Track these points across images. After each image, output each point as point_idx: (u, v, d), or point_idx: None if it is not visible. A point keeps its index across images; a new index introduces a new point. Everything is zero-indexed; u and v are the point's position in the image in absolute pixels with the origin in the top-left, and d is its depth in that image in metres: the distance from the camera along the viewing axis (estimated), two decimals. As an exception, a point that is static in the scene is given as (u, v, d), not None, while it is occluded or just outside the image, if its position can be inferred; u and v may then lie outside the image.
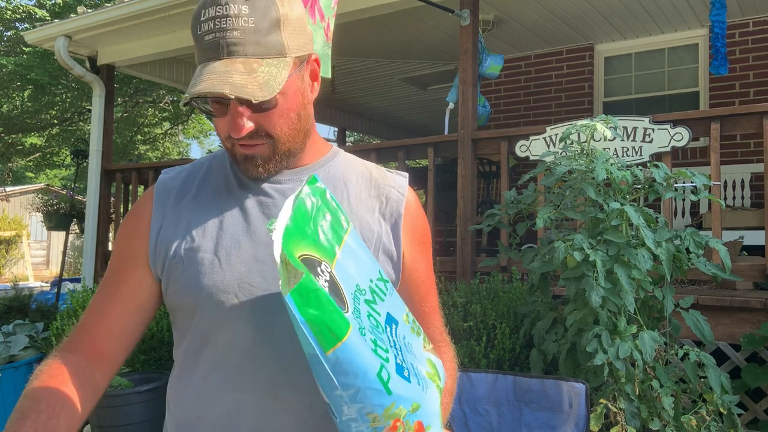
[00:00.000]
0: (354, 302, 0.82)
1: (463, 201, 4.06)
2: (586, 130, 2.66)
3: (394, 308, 0.91)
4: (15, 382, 4.39)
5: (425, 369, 0.89)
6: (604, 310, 2.39)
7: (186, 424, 1.01)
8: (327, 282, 0.80)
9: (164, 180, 1.09)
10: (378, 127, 10.11)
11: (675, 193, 2.54)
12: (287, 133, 0.98)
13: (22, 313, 5.30)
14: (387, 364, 0.79)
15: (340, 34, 3.34)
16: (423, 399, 0.83)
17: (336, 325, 0.75)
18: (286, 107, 0.96)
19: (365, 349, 0.77)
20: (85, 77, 5.79)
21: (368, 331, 0.80)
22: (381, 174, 1.12)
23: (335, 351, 0.75)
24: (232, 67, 0.89)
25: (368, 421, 0.78)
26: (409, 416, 0.80)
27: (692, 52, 5.84)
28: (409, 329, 0.92)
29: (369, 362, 0.76)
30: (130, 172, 5.79)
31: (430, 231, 1.16)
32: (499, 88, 6.62)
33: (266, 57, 0.92)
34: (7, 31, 11.89)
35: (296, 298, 0.74)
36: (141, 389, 3.49)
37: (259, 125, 0.95)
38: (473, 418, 2.29)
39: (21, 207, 18.76)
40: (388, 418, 0.78)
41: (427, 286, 1.14)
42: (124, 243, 1.07)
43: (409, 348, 0.89)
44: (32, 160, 17.26)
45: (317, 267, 0.80)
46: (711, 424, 2.30)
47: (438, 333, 1.15)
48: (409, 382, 0.82)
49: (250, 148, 0.97)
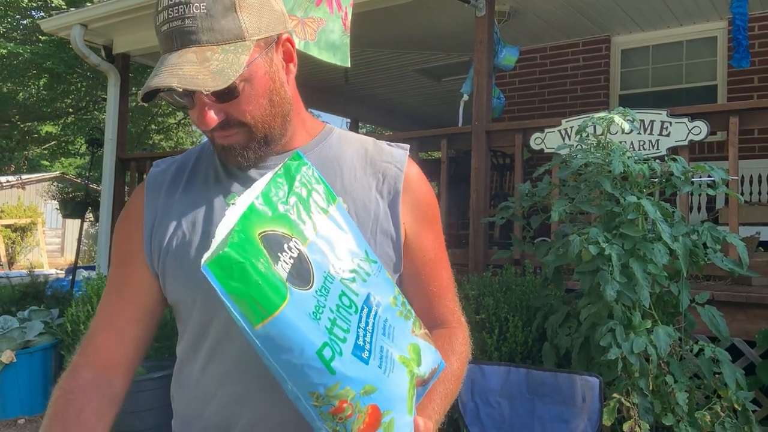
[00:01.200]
0: (324, 280, 0.80)
1: (476, 193, 4.04)
2: (602, 122, 2.63)
3: (378, 289, 0.87)
4: (30, 367, 4.44)
5: (401, 353, 0.85)
6: (618, 304, 2.37)
7: (188, 415, 1.01)
8: (292, 259, 0.78)
9: (154, 174, 1.07)
10: (391, 118, 10.07)
11: (692, 188, 2.51)
12: (260, 119, 0.94)
13: (37, 299, 5.35)
14: (338, 344, 0.76)
15: (354, 24, 3.33)
16: (381, 382, 0.79)
17: (264, 298, 0.73)
18: (254, 93, 0.91)
19: (304, 325, 0.74)
20: (100, 66, 5.81)
21: (330, 310, 0.78)
22: (378, 149, 1.07)
23: (264, 325, 0.73)
24: (185, 57, 0.85)
25: (311, 399, 0.76)
26: (359, 398, 0.76)
27: (711, 44, 5.76)
28: (396, 312, 0.88)
29: (306, 338, 0.74)
30: (144, 161, 5.82)
31: (436, 204, 1.10)
32: (514, 79, 6.57)
33: (222, 43, 0.87)
34: (23, 19, 11.97)
35: (215, 270, 0.73)
36: (153, 376, 3.52)
37: (228, 114, 0.91)
38: (485, 410, 2.29)
39: (37, 195, 18.93)
40: (333, 398, 0.75)
41: (435, 264, 1.08)
42: (120, 244, 1.07)
43: (389, 331, 0.85)
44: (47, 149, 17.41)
45: (285, 244, 0.79)
46: (725, 420, 2.28)
47: (450, 313, 1.10)
48: (366, 363, 0.78)
49: (226, 138, 0.94)
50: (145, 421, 3.54)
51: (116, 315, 1.04)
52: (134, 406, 3.55)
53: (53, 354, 4.55)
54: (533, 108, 6.48)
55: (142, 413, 3.55)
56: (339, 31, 3.21)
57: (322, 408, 0.76)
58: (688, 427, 2.27)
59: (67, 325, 4.12)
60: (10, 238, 17.69)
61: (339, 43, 3.19)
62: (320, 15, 3.09)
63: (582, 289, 2.48)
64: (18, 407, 4.36)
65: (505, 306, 3.08)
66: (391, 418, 0.79)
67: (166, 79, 0.83)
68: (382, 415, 0.78)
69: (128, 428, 3.61)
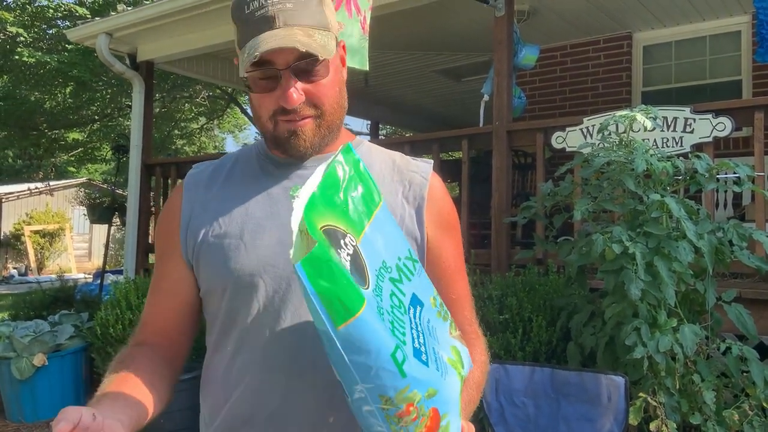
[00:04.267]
0: (377, 279, 0.79)
1: (498, 193, 4.04)
2: (625, 120, 2.62)
3: (420, 289, 0.87)
4: (61, 369, 4.54)
5: (447, 355, 0.84)
6: (643, 303, 2.36)
7: (215, 405, 1.05)
8: (349, 255, 0.77)
9: (192, 174, 1.13)
10: (411, 119, 10.08)
11: (717, 185, 2.49)
12: (333, 106, 1.02)
13: (67, 303, 5.47)
14: (403, 346, 0.75)
15: (373, 27, 3.35)
16: (441, 385, 0.78)
17: (349, 299, 0.72)
18: (332, 80, 1.00)
19: (380, 327, 0.73)
20: (125, 74, 5.91)
21: (387, 311, 0.77)
22: (404, 161, 1.12)
23: (347, 326, 0.72)
24: (292, 31, 0.94)
25: (380, 402, 0.74)
26: (424, 401, 0.75)
27: (735, 39, 5.67)
28: (435, 313, 0.88)
29: (383, 341, 0.73)
30: (169, 166, 5.91)
31: (457, 217, 1.14)
32: (534, 78, 6.54)
33: (318, 29, 0.97)
34: (49, 29, 12.21)
35: (307, 268, 0.71)
36: (183, 377, 3.57)
37: (307, 97, 0.98)
38: (510, 409, 2.29)
39: (65, 200, 19.30)
40: (401, 401, 0.74)
41: (454, 272, 1.11)
42: (159, 242, 1.14)
43: (433, 332, 0.85)
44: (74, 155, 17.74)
45: (341, 239, 0.77)
46: (753, 418, 2.26)
47: (467, 323, 1.12)
48: (427, 366, 0.78)
49: (294, 123, 1.00)
50: (174, 423, 3.60)
51: (159, 308, 1.11)
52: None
53: (83, 357, 4.65)
54: (554, 107, 6.44)
55: (171, 414, 3.61)
56: (358, 34, 3.24)
57: (389, 411, 0.75)
58: (716, 426, 2.25)
59: (97, 329, 4.21)
60: (39, 244, 18.08)
61: (358, 47, 3.21)
62: (339, 19, 3.11)
63: (606, 288, 2.47)
64: (49, 409, 4.45)
65: (529, 306, 3.08)
66: (448, 421, 0.79)
67: (288, 42, 0.92)
68: (441, 418, 0.78)
69: (157, 429, 3.67)
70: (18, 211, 18.75)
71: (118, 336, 4.08)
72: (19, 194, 18.81)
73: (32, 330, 4.55)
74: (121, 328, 4.08)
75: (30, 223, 18.26)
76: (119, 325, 4.09)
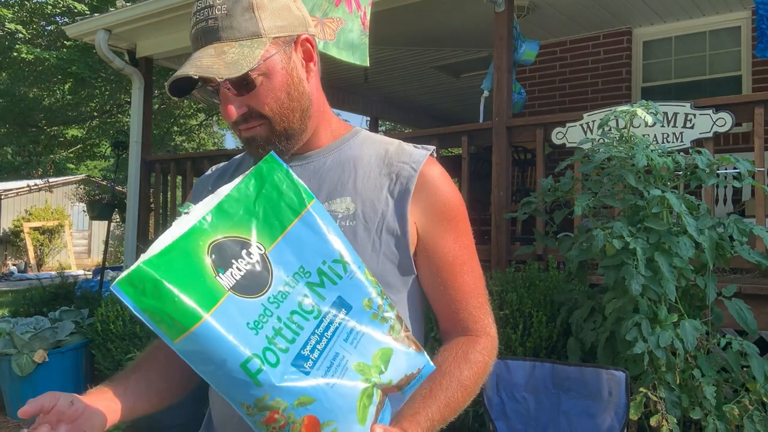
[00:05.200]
0: (285, 285, 0.80)
1: (497, 189, 4.04)
2: (625, 115, 2.62)
3: (350, 292, 0.85)
4: (62, 366, 4.54)
5: (360, 359, 0.81)
6: (644, 298, 2.37)
7: (212, 400, 1.12)
8: (249, 265, 0.79)
9: (202, 177, 1.20)
10: (411, 116, 10.07)
11: (718, 180, 2.49)
12: (278, 112, 0.99)
13: (67, 300, 5.46)
14: (276, 354, 0.75)
15: (372, 23, 3.34)
16: (321, 393, 0.77)
17: (182, 313, 0.72)
18: (272, 87, 0.98)
19: (233, 336, 0.74)
20: (124, 70, 5.90)
21: (275, 319, 0.77)
22: (399, 151, 1.07)
23: (183, 340, 0.73)
24: (205, 52, 0.94)
25: (242, 409, 0.76)
26: (293, 409, 0.75)
27: (734, 34, 5.67)
28: (369, 315, 0.85)
29: (229, 353, 0.73)
30: (168, 163, 5.91)
31: (459, 206, 1.07)
32: (534, 74, 6.53)
33: (240, 39, 0.95)
34: (48, 25, 12.19)
35: (126, 288, 0.73)
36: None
37: (249, 107, 0.98)
38: (510, 404, 2.30)
39: (64, 197, 19.28)
40: (263, 408, 0.75)
41: (456, 268, 1.04)
42: None
43: (354, 336, 0.83)
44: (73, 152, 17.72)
45: (243, 250, 0.80)
46: (753, 413, 2.27)
47: (473, 321, 1.06)
48: (306, 375, 0.77)
49: (250, 131, 1.01)
50: (174, 417, 3.61)
51: None
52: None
53: (84, 353, 4.65)
54: (554, 102, 6.44)
55: (172, 410, 3.61)
56: (358, 30, 3.23)
57: (255, 417, 0.76)
58: (716, 420, 2.26)
59: (97, 325, 4.21)
60: (38, 240, 18.06)
61: (358, 43, 3.21)
62: (339, 15, 3.12)
63: (607, 284, 2.48)
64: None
65: (529, 301, 3.08)
66: (334, 428, 0.77)
67: (185, 70, 0.92)
68: (322, 426, 0.77)
69: (157, 424, 3.68)
70: (17, 208, 18.74)
71: (119, 332, 4.09)
72: (18, 191, 18.80)
73: (32, 326, 4.55)
74: (121, 325, 4.08)
75: (29, 220, 18.25)
76: (119, 322, 4.09)
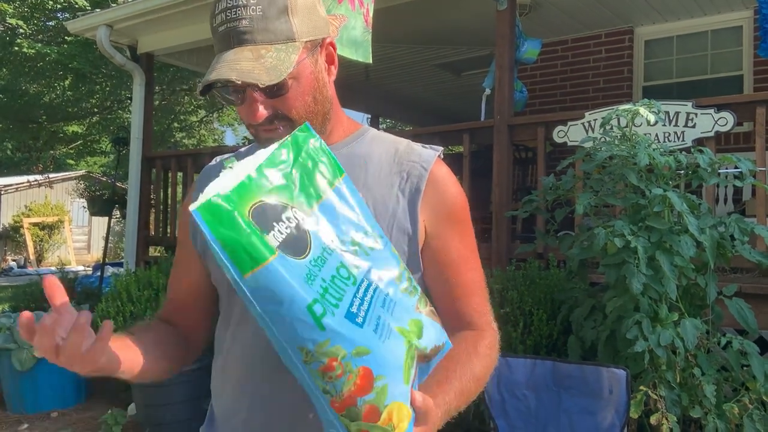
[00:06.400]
0: (323, 251, 0.80)
1: (498, 188, 4.04)
2: (627, 114, 2.62)
3: (381, 264, 0.87)
4: (62, 361, 4.54)
5: (398, 324, 0.83)
6: (644, 297, 2.37)
7: (215, 394, 1.12)
8: (288, 229, 0.78)
9: (206, 168, 1.17)
10: (412, 114, 10.07)
11: (719, 179, 2.49)
12: (304, 116, 0.99)
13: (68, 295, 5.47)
14: (327, 306, 0.75)
15: (375, 20, 3.34)
16: (375, 346, 0.77)
17: (255, 249, 0.73)
18: (300, 91, 0.98)
19: (294, 280, 0.74)
20: (125, 66, 5.90)
21: (320, 279, 0.78)
22: (408, 149, 1.09)
23: (254, 274, 0.73)
24: (241, 54, 0.92)
25: (300, 355, 0.75)
26: (351, 359, 0.74)
27: (736, 34, 5.67)
28: (400, 287, 0.87)
29: (296, 292, 0.73)
30: (169, 159, 5.91)
31: (464, 206, 1.10)
32: (535, 73, 6.53)
33: (275, 43, 0.94)
34: (49, 21, 12.17)
35: (205, 215, 0.73)
36: (184, 369, 3.58)
37: (275, 110, 0.97)
38: (511, 402, 2.30)
39: (64, 193, 19.28)
40: (322, 355, 0.74)
41: (460, 265, 1.08)
42: (179, 230, 1.22)
43: (389, 305, 0.84)
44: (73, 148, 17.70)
45: (283, 213, 0.79)
46: (753, 412, 2.27)
47: (477, 316, 1.09)
48: (360, 327, 0.77)
49: (271, 132, 0.99)
50: (175, 414, 3.61)
51: (174, 289, 1.20)
52: (165, 398, 3.63)
53: (84, 348, 4.65)
54: (555, 101, 6.44)
55: (173, 406, 3.62)
56: (361, 27, 3.23)
57: (312, 365, 0.75)
58: (716, 419, 2.26)
59: (98, 320, 4.21)
60: (38, 236, 18.07)
61: (361, 40, 3.21)
62: (342, 12, 3.11)
63: (607, 282, 2.48)
64: (51, 400, 4.46)
65: (530, 299, 3.09)
66: (385, 383, 0.77)
67: (226, 73, 0.90)
68: (375, 379, 0.76)
69: (159, 420, 3.69)
70: (17, 204, 18.75)
71: (119, 328, 4.07)
72: (18, 186, 18.80)
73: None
74: (122, 320, 4.08)
75: (29, 216, 18.26)
76: (120, 317, 4.09)
